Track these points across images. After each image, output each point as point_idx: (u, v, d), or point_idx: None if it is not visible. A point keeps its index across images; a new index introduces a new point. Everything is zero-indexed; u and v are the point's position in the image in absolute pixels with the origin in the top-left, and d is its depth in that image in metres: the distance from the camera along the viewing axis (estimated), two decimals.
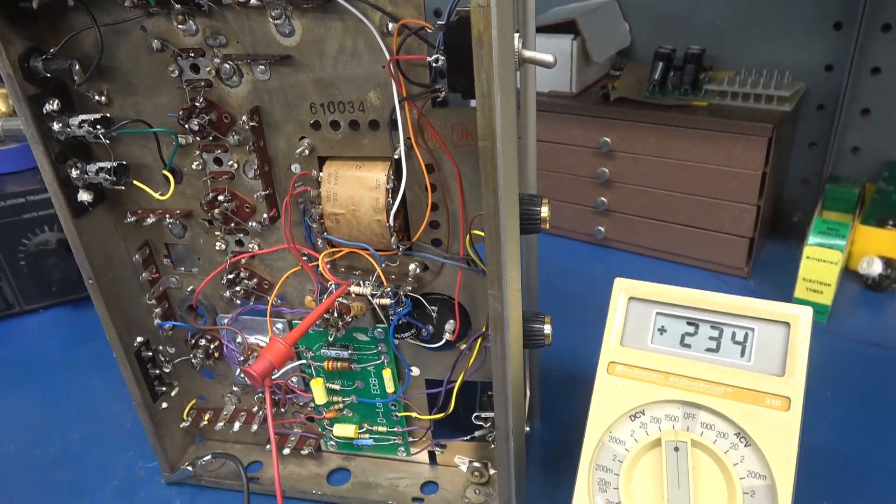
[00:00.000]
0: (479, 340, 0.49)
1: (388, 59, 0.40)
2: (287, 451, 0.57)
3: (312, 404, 0.56)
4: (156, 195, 0.47)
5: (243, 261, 0.51)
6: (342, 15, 0.40)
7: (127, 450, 0.63)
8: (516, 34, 0.37)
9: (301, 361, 0.54)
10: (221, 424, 0.58)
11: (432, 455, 0.58)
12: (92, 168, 0.46)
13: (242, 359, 0.53)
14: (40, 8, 0.42)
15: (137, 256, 0.52)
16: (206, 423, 0.59)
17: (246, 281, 0.51)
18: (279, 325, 0.53)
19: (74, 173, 0.46)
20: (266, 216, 0.47)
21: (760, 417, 0.40)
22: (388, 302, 0.46)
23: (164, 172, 0.47)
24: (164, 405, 0.57)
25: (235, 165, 0.47)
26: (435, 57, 0.38)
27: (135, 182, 0.47)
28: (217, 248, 0.51)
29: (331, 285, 0.47)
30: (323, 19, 0.40)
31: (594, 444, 0.43)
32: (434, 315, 0.48)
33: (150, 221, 0.49)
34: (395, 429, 0.56)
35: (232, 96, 0.44)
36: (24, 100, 0.42)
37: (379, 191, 0.44)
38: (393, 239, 0.45)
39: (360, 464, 0.59)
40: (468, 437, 0.53)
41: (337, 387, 0.54)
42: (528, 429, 0.54)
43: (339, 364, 0.53)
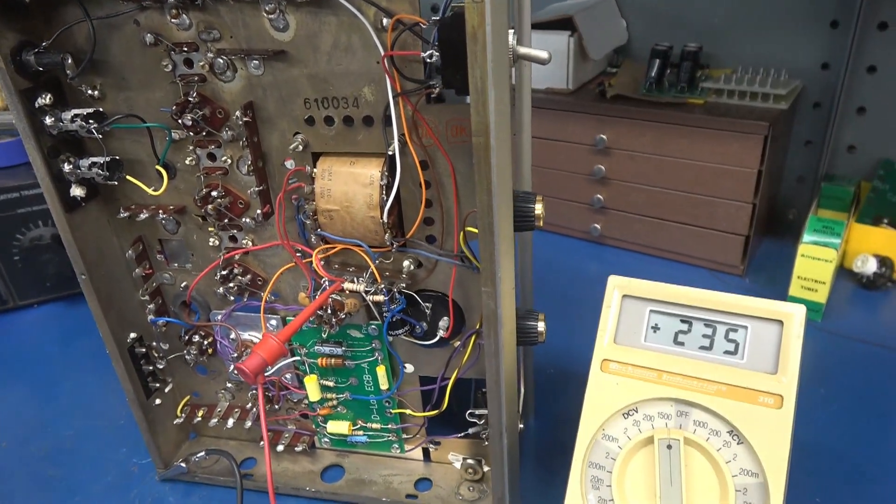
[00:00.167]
0: (473, 337, 0.49)
1: (383, 55, 0.40)
2: (281, 448, 0.57)
3: (306, 401, 0.56)
4: (149, 190, 0.47)
5: (237, 257, 0.51)
6: (336, 10, 0.40)
7: (120, 446, 0.63)
8: (511, 30, 0.37)
9: (295, 358, 0.54)
10: (215, 421, 0.58)
11: (426, 452, 0.58)
12: (84, 163, 0.46)
13: (236, 355, 0.53)
14: (32, 1, 0.41)
15: (131, 252, 0.51)
16: (200, 420, 0.59)
17: (240, 277, 0.51)
18: (273, 322, 0.53)
19: (67, 168, 0.46)
20: (260, 212, 0.47)
21: (753, 415, 0.40)
22: (382, 299, 0.46)
23: (158, 168, 0.47)
24: (158, 401, 0.57)
25: (229, 161, 0.47)
26: (429, 53, 0.38)
27: (128, 177, 0.47)
28: (211, 244, 0.50)
29: (324, 282, 0.47)
30: (317, 14, 0.40)
31: (587, 442, 0.43)
32: (428, 312, 0.48)
33: (144, 217, 0.49)
34: (389, 426, 0.56)
35: (225, 91, 0.44)
36: (16, 94, 0.42)
37: (373, 187, 0.43)
38: (387, 235, 0.45)
39: (354, 461, 0.59)
40: (462, 434, 0.53)
41: (331, 384, 0.54)
42: (522, 426, 0.54)
43: (333, 361, 0.53)
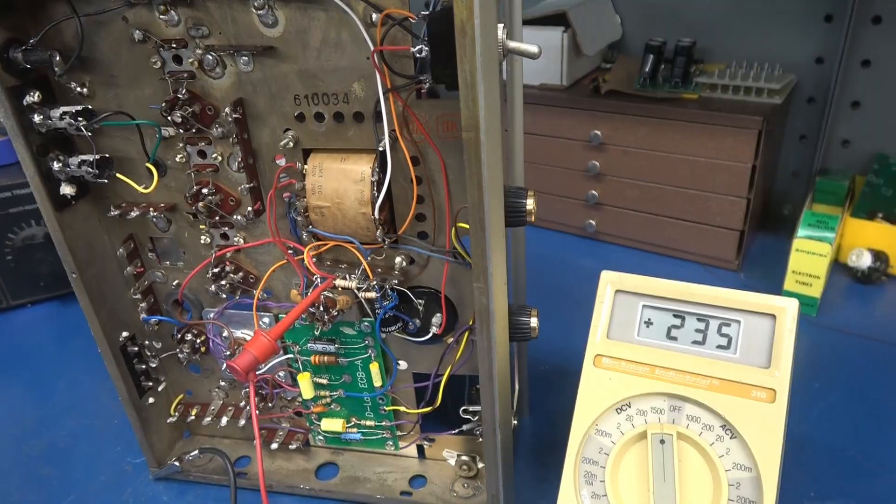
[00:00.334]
0: (467, 334, 0.48)
1: (373, 50, 0.39)
2: (275, 446, 0.57)
3: (300, 399, 0.55)
4: (139, 188, 0.47)
5: (228, 254, 0.50)
6: (325, 5, 0.39)
7: (114, 445, 0.63)
8: (500, 25, 0.37)
9: (288, 356, 0.53)
10: (209, 419, 0.58)
11: (420, 449, 0.57)
12: (74, 161, 0.45)
13: (229, 353, 0.53)
14: None
15: (122, 250, 0.51)
16: (194, 419, 0.58)
17: (231, 275, 0.51)
18: (265, 320, 0.52)
19: (56, 166, 0.45)
20: (251, 209, 0.47)
21: (746, 410, 0.40)
22: (375, 295, 0.46)
23: (148, 165, 0.46)
24: (151, 400, 0.57)
25: (219, 158, 0.46)
26: (419, 48, 0.38)
27: (118, 175, 0.47)
28: (202, 242, 0.50)
29: (316, 279, 0.46)
30: (306, 10, 0.40)
31: (580, 437, 0.43)
32: (421, 308, 0.48)
33: (134, 215, 0.49)
34: (383, 423, 0.56)
35: (215, 88, 0.44)
36: (4, 91, 0.42)
37: (364, 183, 0.43)
38: (378, 232, 0.44)
39: (349, 458, 0.58)
40: (456, 431, 0.53)
41: (324, 381, 0.54)
42: (516, 422, 0.54)
43: (326, 358, 0.52)
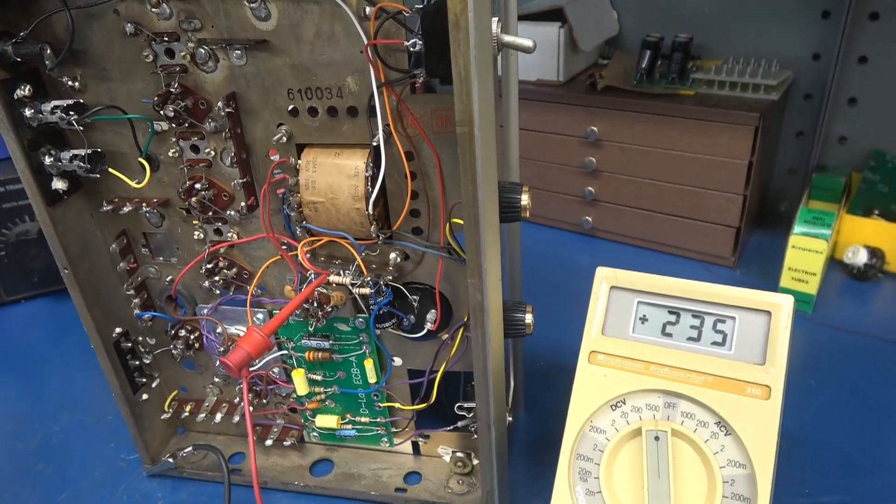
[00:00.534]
0: (461, 330, 0.48)
1: (366, 44, 0.39)
2: (269, 443, 0.57)
3: (295, 395, 0.55)
4: (132, 183, 0.46)
5: (222, 250, 0.50)
6: None
7: (108, 441, 0.63)
8: (495, 19, 0.37)
9: (282, 352, 0.53)
10: (203, 416, 0.57)
11: (416, 445, 0.57)
12: (66, 155, 0.45)
13: (223, 349, 0.53)
14: None
15: (114, 246, 0.51)
16: (188, 415, 0.58)
17: (225, 270, 0.50)
18: (260, 316, 0.52)
19: (48, 161, 0.45)
20: (244, 204, 0.47)
21: (741, 406, 0.40)
22: (369, 291, 0.46)
23: (140, 160, 0.46)
24: (145, 397, 0.56)
25: (212, 153, 0.46)
26: (413, 41, 0.37)
27: (110, 170, 0.46)
28: (195, 238, 0.50)
29: (310, 275, 0.46)
30: (299, 3, 0.40)
31: (575, 434, 0.42)
32: (415, 304, 0.48)
33: (127, 210, 0.48)
34: (378, 419, 0.55)
35: (208, 82, 0.44)
36: None
37: (358, 178, 0.43)
38: (373, 227, 0.44)
39: (343, 455, 0.58)
40: (451, 428, 0.53)
41: (319, 377, 0.54)
42: (511, 418, 0.53)
43: (321, 354, 0.52)
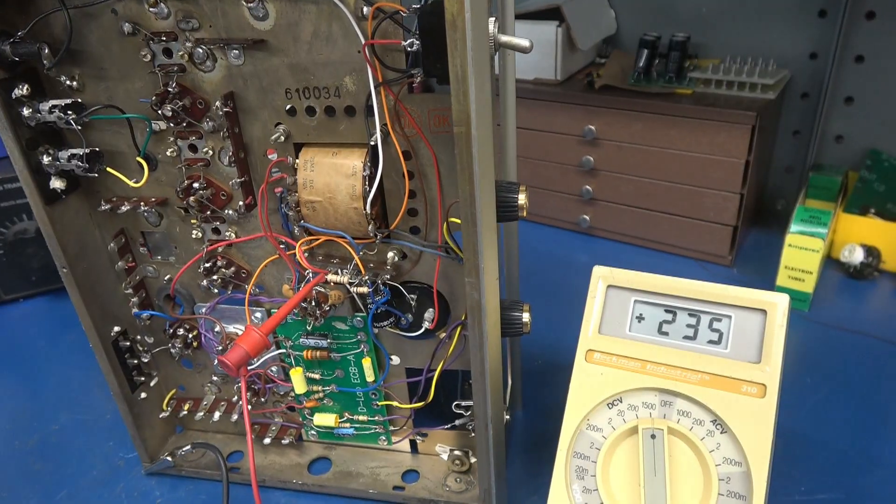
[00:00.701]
0: (459, 329, 0.48)
1: (364, 44, 0.39)
2: (268, 441, 0.57)
3: (293, 394, 0.55)
4: (130, 183, 0.46)
5: (220, 249, 0.50)
6: None
7: (107, 440, 0.63)
8: (492, 18, 0.37)
9: (280, 351, 0.53)
10: (201, 414, 0.58)
11: (413, 444, 0.57)
12: (64, 155, 0.45)
13: (221, 348, 0.53)
14: None
15: (113, 245, 0.51)
16: (186, 413, 0.58)
17: (223, 269, 0.50)
18: (258, 314, 0.52)
19: (46, 160, 0.45)
20: (242, 204, 0.47)
21: (736, 405, 0.40)
22: (367, 290, 0.46)
23: (139, 159, 0.46)
24: (143, 395, 0.56)
25: (210, 152, 0.46)
26: (410, 41, 0.37)
27: (108, 169, 0.46)
28: (194, 237, 0.50)
29: (308, 274, 0.46)
30: (297, 2, 0.40)
31: (572, 432, 0.43)
32: (413, 303, 0.48)
33: (125, 209, 0.48)
34: (376, 418, 0.56)
35: (206, 81, 0.44)
36: None
37: (355, 178, 0.43)
38: (370, 227, 0.44)
39: (341, 453, 0.58)
40: (449, 426, 0.53)
41: (317, 376, 0.54)
42: (509, 417, 0.54)
43: (319, 353, 0.52)
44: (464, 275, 0.40)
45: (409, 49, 0.37)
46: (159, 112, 0.43)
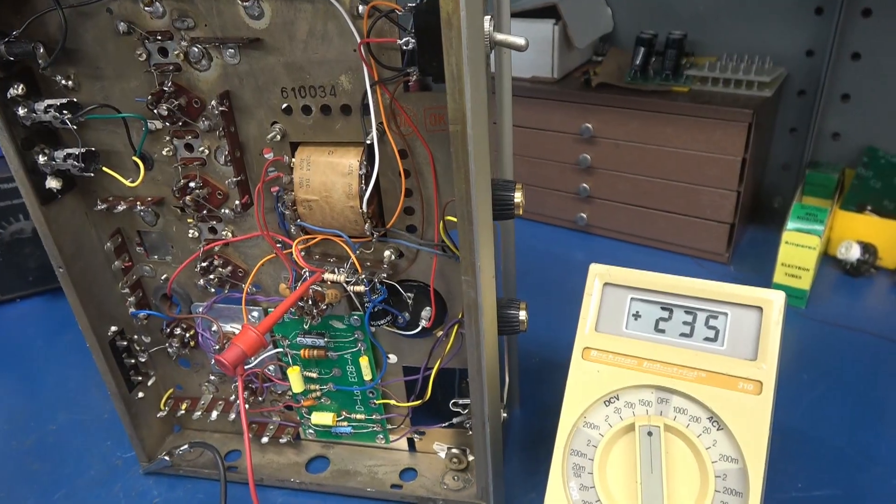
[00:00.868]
0: (456, 327, 0.48)
1: (359, 42, 0.39)
2: (265, 440, 0.57)
3: (290, 393, 0.55)
4: (126, 182, 0.46)
5: (217, 248, 0.50)
6: None
7: (105, 440, 0.63)
8: (487, 17, 0.37)
9: (277, 350, 0.53)
10: (199, 413, 0.58)
11: (411, 442, 0.58)
12: (59, 154, 0.45)
13: (218, 347, 0.53)
14: None
15: (109, 244, 0.51)
16: (184, 413, 0.58)
17: (220, 269, 0.50)
18: (255, 314, 0.52)
19: (42, 160, 0.45)
20: (238, 203, 0.47)
21: (733, 402, 0.40)
22: (363, 289, 0.46)
23: (135, 159, 0.46)
24: (141, 395, 0.56)
25: (207, 151, 0.46)
26: (406, 40, 0.37)
27: (104, 169, 0.47)
28: (190, 236, 0.50)
29: (305, 273, 0.46)
30: (292, 1, 0.40)
31: (568, 430, 0.43)
32: (410, 302, 0.48)
33: (122, 209, 0.48)
34: (374, 416, 0.56)
35: (201, 80, 0.44)
36: None
37: (352, 176, 0.43)
38: (367, 225, 0.44)
39: (339, 451, 0.58)
40: (446, 424, 0.53)
41: (314, 375, 0.54)
42: (506, 415, 0.54)
43: (316, 352, 0.52)
44: (460, 273, 0.40)
45: (405, 47, 0.37)
46: (155, 111, 0.43)
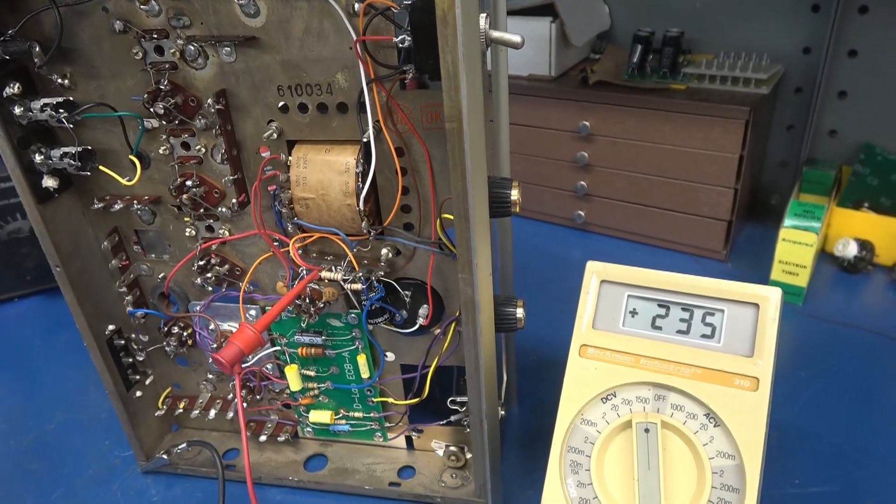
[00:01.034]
0: (453, 325, 0.48)
1: (355, 40, 0.39)
2: (264, 438, 0.57)
3: (288, 391, 0.55)
4: (123, 181, 0.46)
5: (214, 247, 0.50)
6: None
7: (103, 439, 0.63)
8: (483, 14, 0.37)
9: (275, 348, 0.53)
10: (197, 412, 0.58)
11: (409, 440, 0.58)
12: (56, 153, 0.45)
13: (215, 346, 0.53)
14: None
15: (106, 243, 0.51)
16: (182, 412, 0.58)
17: (217, 267, 0.50)
18: (252, 312, 0.52)
19: (38, 159, 0.45)
20: (235, 201, 0.47)
21: (729, 398, 0.40)
22: (361, 287, 0.46)
23: (131, 158, 0.46)
24: (139, 394, 0.56)
25: (203, 150, 0.46)
26: (401, 37, 0.37)
27: (101, 167, 0.46)
28: (187, 235, 0.50)
29: (302, 271, 0.46)
30: None
31: (566, 427, 0.43)
32: (407, 300, 0.48)
33: (118, 207, 0.48)
34: (372, 414, 0.56)
35: (198, 79, 0.44)
36: None
37: (348, 175, 0.43)
38: (364, 223, 0.44)
39: (337, 450, 0.59)
40: (444, 422, 0.53)
41: (312, 373, 0.54)
42: (504, 412, 0.54)
43: (314, 350, 0.52)
44: (457, 271, 0.40)
45: (401, 45, 0.37)
46: (151, 110, 0.43)
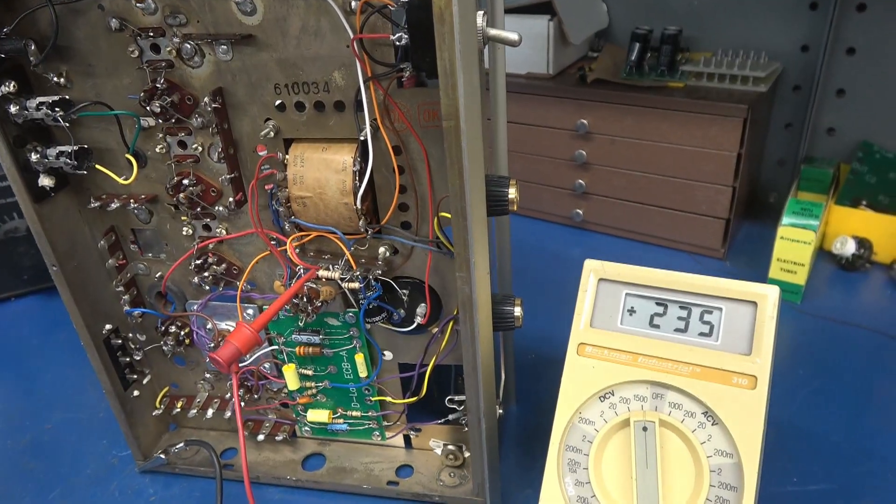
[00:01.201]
0: (451, 324, 0.48)
1: (352, 38, 0.39)
2: (261, 438, 0.57)
3: (286, 390, 0.55)
4: (119, 180, 0.46)
5: (211, 246, 0.50)
6: None
7: (101, 438, 0.63)
8: (480, 12, 0.37)
9: (273, 347, 0.53)
10: (195, 412, 0.57)
11: (407, 439, 0.58)
12: (52, 152, 0.45)
13: (213, 345, 0.53)
14: None
15: (103, 242, 0.51)
16: (180, 411, 0.58)
17: (214, 266, 0.50)
18: (250, 311, 0.52)
19: (34, 157, 0.45)
20: (232, 200, 0.47)
21: (727, 396, 0.40)
22: (358, 286, 0.46)
23: (128, 156, 0.46)
24: (136, 393, 0.56)
25: (200, 148, 0.46)
26: (399, 35, 0.37)
27: (97, 166, 0.46)
28: (184, 234, 0.50)
29: (299, 270, 0.46)
30: None
31: (564, 425, 0.43)
32: (405, 299, 0.48)
33: (115, 206, 0.48)
34: (370, 413, 0.56)
35: (194, 77, 0.43)
36: None
37: (346, 173, 0.43)
38: (361, 222, 0.44)
39: (335, 449, 0.58)
40: (442, 421, 0.53)
41: (310, 372, 0.54)
42: (502, 411, 0.54)
43: (311, 349, 0.52)
44: (455, 269, 0.40)
45: (398, 43, 0.37)
46: (148, 108, 0.43)
